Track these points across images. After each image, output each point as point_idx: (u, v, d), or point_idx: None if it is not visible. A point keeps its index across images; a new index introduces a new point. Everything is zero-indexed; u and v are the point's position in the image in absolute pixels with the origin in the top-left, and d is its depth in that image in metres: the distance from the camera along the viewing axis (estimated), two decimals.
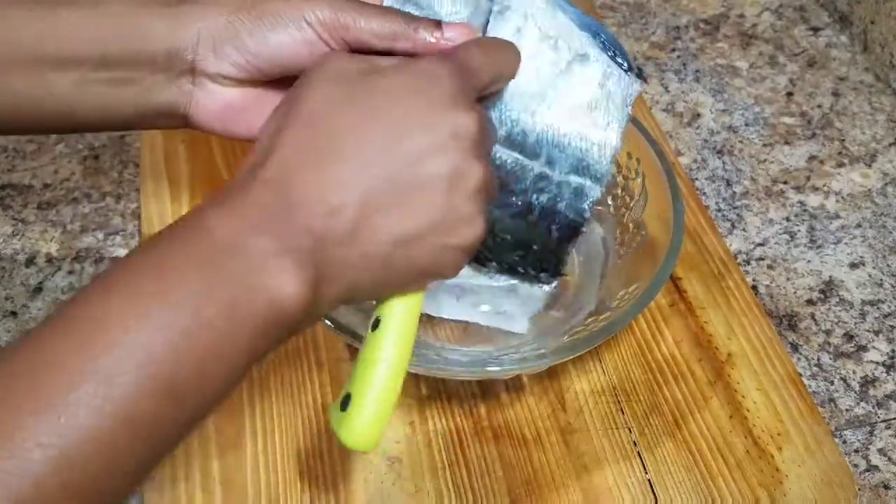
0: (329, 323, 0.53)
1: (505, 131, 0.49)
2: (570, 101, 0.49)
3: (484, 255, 0.53)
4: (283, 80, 0.47)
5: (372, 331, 0.43)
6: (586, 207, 0.52)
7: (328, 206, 0.38)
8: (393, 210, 0.39)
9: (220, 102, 0.47)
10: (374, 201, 0.39)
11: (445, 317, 0.61)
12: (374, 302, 0.45)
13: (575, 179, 0.51)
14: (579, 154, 0.50)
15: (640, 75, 0.50)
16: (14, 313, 0.66)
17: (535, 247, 0.53)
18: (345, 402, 0.42)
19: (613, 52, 0.49)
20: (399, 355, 0.43)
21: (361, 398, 0.41)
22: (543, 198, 0.51)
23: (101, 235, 0.71)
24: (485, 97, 0.47)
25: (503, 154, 0.50)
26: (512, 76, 0.47)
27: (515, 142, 0.50)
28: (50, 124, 0.48)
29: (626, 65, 0.50)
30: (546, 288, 0.56)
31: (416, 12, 0.47)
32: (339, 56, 0.43)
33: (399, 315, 0.43)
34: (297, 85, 0.42)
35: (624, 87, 0.50)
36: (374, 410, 0.41)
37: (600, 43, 0.49)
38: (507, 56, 0.47)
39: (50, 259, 0.69)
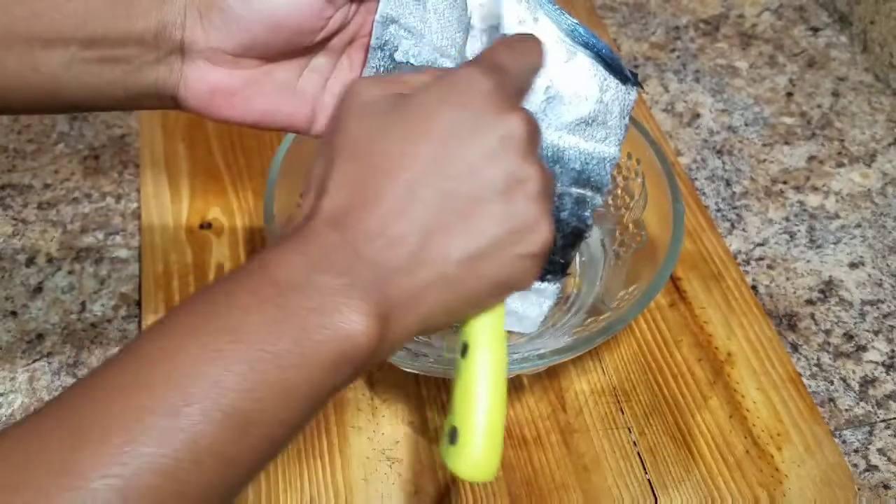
0: None
1: None
2: (569, 117, 0.50)
3: None
4: (278, 64, 0.47)
5: (462, 357, 0.42)
6: (588, 215, 0.53)
7: (388, 237, 0.37)
8: (454, 229, 0.38)
9: (210, 83, 0.46)
10: (433, 224, 0.38)
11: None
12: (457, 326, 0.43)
13: (577, 191, 0.52)
14: (580, 167, 0.51)
15: (636, 82, 0.50)
16: (14, 313, 0.66)
17: None
18: (452, 436, 0.40)
19: (608, 61, 0.49)
20: (495, 376, 0.41)
21: (469, 430, 0.40)
22: None
23: (101, 235, 0.71)
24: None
25: None
26: (541, 65, 0.45)
27: None
28: (39, 104, 0.47)
29: (621, 74, 0.50)
30: (552, 287, 0.57)
31: (407, 38, 0.48)
32: (366, 83, 0.42)
33: (484, 334, 0.42)
34: (333, 120, 0.41)
35: (621, 99, 0.50)
36: (484, 439, 0.40)
37: (595, 55, 0.49)
38: (531, 46, 0.45)
39: (50, 259, 0.69)
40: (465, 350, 0.42)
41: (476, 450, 0.40)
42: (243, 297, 0.35)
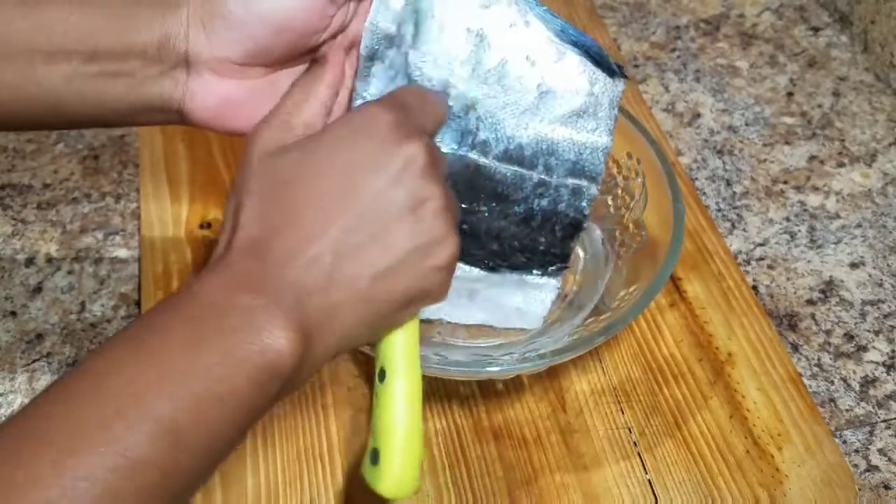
0: None
1: (503, 148, 0.52)
2: (560, 111, 0.52)
3: (495, 263, 0.56)
4: (283, 73, 0.47)
5: (380, 382, 0.44)
6: (585, 205, 0.54)
7: (304, 258, 0.40)
8: (365, 249, 0.41)
9: (217, 95, 0.46)
10: (346, 245, 0.41)
11: (463, 322, 0.61)
12: (371, 347, 0.46)
13: (572, 181, 0.54)
14: (574, 158, 0.53)
15: (622, 74, 0.52)
16: (14, 313, 0.66)
17: (541, 248, 0.56)
18: (373, 457, 0.43)
19: (595, 57, 0.51)
20: (412, 400, 0.44)
21: (389, 452, 0.43)
22: (544, 202, 0.54)
23: (100, 235, 0.71)
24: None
25: (503, 169, 0.53)
26: (444, 119, 0.50)
27: (513, 157, 0.52)
28: (40, 119, 0.47)
29: (608, 68, 0.52)
30: (553, 282, 0.58)
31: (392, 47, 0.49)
32: (265, 129, 0.44)
33: (401, 358, 0.45)
34: (240, 167, 0.44)
35: (610, 91, 0.52)
36: (405, 459, 0.43)
37: (584, 52, 0.51)
38: (435, 99, 0.49)
39: (49, 259, 0.69)
40: (382, 375, 0.45)
41: (396, 470, 0.43)
42: (171, 319, 0.38)
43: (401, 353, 0.45)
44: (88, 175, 0.76)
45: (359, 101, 0.49)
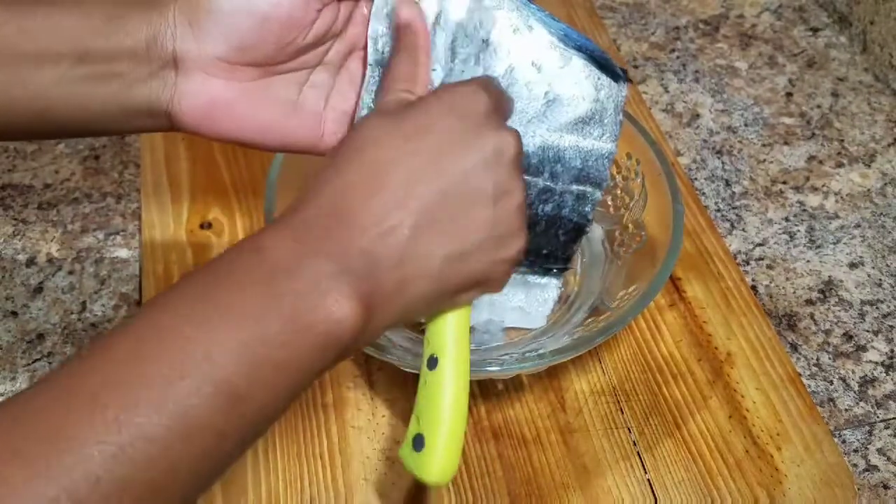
0: None
1: None
2: (567, 117, 0.51)
3: None
4: (276, 78, 0.47)
5: (430, 369, 0.45)
6: (589, 210, 0.54)
7: (381, 227, 0.39)
8: (443, 227, 0.40)
9: (206, 96, 0.46)
10: (425, 220, 0.40)
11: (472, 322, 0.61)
12: (424, 328, 0.46)
13: (577, 188, 0.54)
14: (579, 164, 0.53)
15: (626, 78, 0.52)
16: (14, 313, 0.66)
17: (544, 251, 0.56)
18: (417, 443, 0.43)
19: (599, 61, 0.51)
20: (463, 387, 0.44)
21: (436, 438, 0.43)
22: (548, 207, 0.54)
23: (101, 235, 0.71)
24: None
25: None
26: (511, 113, 0.49)
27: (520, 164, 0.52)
28: (28, 127, 0.46)
29: (612, 72, 0.51)
30: (554, 282, 0.59)
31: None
32: (385, 103, 0.44)
33: (453, 346, 0.45)
34: (341, 140, 0.43)
35: (615, 96, 0.52)
36: (450, 446, 0.43)
37: (588, 56, 0.51)
38: (508, 94, 0.48)
39: (50, 259, 0.70)
40: (433, 362, 0.45)
41: (442, 459, 0.43)
42: (236, 278, 0.37)
43: (453, 340, 0.45)
44: (89, 175, 0.76)
45: (364, 111, 0.49)
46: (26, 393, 0.33)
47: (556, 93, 0.51)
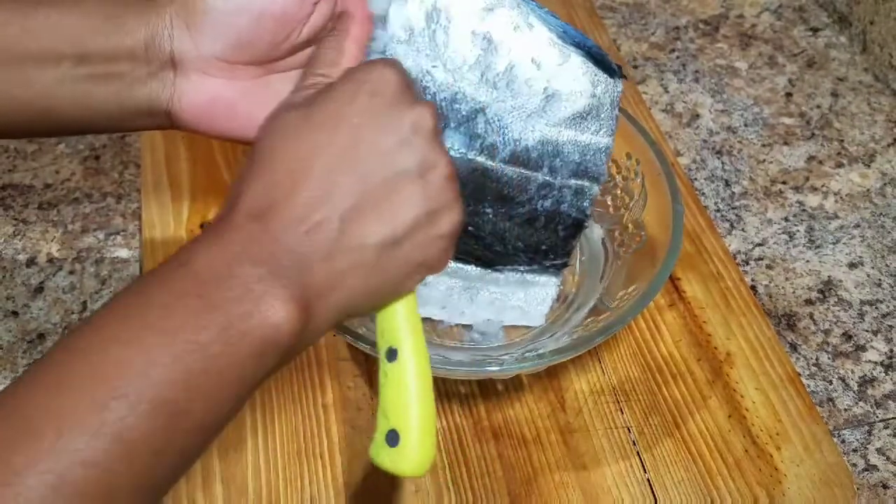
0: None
1: (510, 151, 0.52)
2: (565, 113, 0.52)
3: (501, 263, 0.56)
4: (276, 76, 0.47)
5: (389, 361, 0.43)
6: (587, 205, 0.55)
7: (307, 224, 0.38)
8: (372, 214, 0.39)
9: (205, 95, 0.46)
10: (352, 210, 0.39)
11: (467, 322, 0.61)
12: (375, 322, 0.45)
13: (575, 182, 0.54)
14: (577, 159, 0.53)
15: (621, 74, 0.52)
16: (15, 313, 0.66)
17: (543, 247, 0.57)
18: (391, 438, 0.42)
19: (596, 57, 0.51)
20: (426, 374, 0.43)
21: (410, 432, 0.42)
22: (547, 202, 0.54)
23: (101, 235, 0.71)
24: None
25: (509, 171, 0.53)
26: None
27: (520, 159, 0.53)
28: (30, 125, 0.47)
29: (608, 68, 0.52)
30: (553, 279, 0.59)
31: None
32: (283, 103, 0.43)
33: (408, 334, 0.43)
34: (259, 131, 0.43)
35: (611, 91, 0.52)
36: (425, 436, 0.42)
37: (585, 53, 0.51)
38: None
39: (51, 259, 0.70)
40: (392, 354, 0.43)
41: (419, 449, 0.42)
42: (166, 294, 0.36)
43: (406, 328, 0.44)
44: (89, 175, 0.76)
45: None
46: None
47: (555, 88, 0.51)
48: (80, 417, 0.32)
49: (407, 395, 0.42)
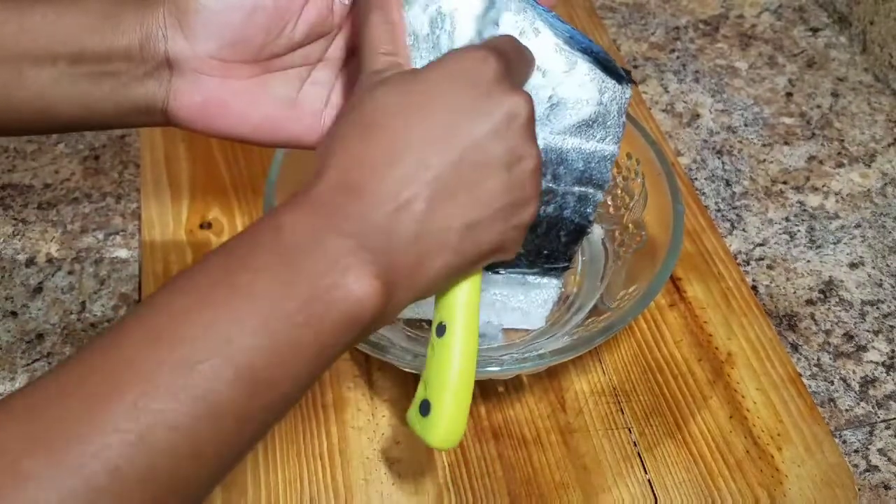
0: None
1: None
2: (571, 120, 0.51)
3: (501, 266, 0.57)
4: (274, 75, 0.47)
5: (438, 336, 0.45)
6: (590, 211, 0.54)
7: (397, 202, 0.39)
8: (459, 197, 0.40)
9: (201, 94, 0.46)
10: (441, 192, 0.39)
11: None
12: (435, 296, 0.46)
13: (579, 189, 0.53)
14: (581, 166, 0.52)
15: (630, 80, 0.52)
16: (14, 313, 0.66)
17: (545, 252, 0.56)
18: (424, 407, 0.44)
19: (604, 63, 0.51)
20: (470, 354, 0.45)
21: (444, 406, 0.43)
22: (550, 208, 0.53)
23: (101, 235, 0.71)
24: None
25: None
26: (531, 74, 0.48)
27: None
28: (27, 123, 0.47)
29: (616, 74, 0.51)
30: (554, 281, 0.59)
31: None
32: (372, 64, 0.43)
33: (462, 313, 0.45)
34: (345, 104, 0.43)
35: (618, 98, 0.51)
36: (456, 412, 0.44)
37: (593, 59, 0.50)
38: (528, 53, 0.47)
39: (50, 259, 0.69)
40: (441, 329, 0.45)
41: (447, 424, 0.43)
42: (255, 260, 0.36)
43: (462, 307, 0.45)
44: (89, 175, 0.76)
45: None
46: (42, 380, 0.33)
47: (561, 96, 0.50)
48: (164, 378, 0.32)
49: (446, 370, 0.44)
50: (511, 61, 0.43)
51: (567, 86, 0.50)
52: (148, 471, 0.31)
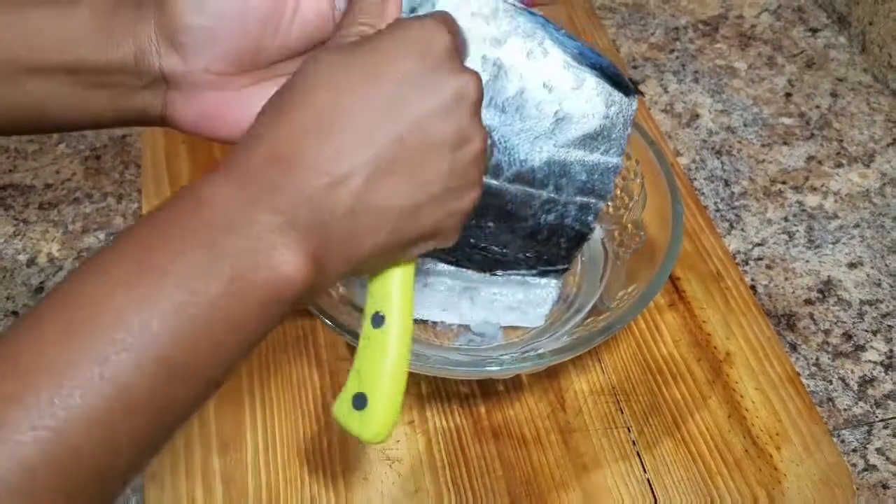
0: (329, 322, 0.53)
1: (515, 171, 0.51)
2: (574, 134, 0.51)
3: (501, 268, 0.57)
4: (272, 81, 0.46)
5: (374, 327, 0.43)
6: (591, 219, 0.54)
7: (332, 176, 0.37)
8: (399, 177, 0.38)
9: (198, 106, 0.45)
10: (380, 169, 0.37)
11: (466, 322, 0.61)
12: (366, 284, 0.44)
13: (581, 199, 0.53)
14: (585, 178, 0.52)
15: (636, 90, 0.51)
16: (15, 313, 0.66)
17: (545, 257, 0.56)
18: (357, 401, 0.42)
19: (612, 77, 0.50)
20: (407, 346, 0.43)
21: (378, 397, 0.42)
22: (550, 217, 0.54)
23: (102, 236, 0.71)
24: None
25: (514, 189, 0.52)
26: (466, 57, 0.46)
27: (525, 178, 0.51)
28: (26, 126, 0.47)
29: (624, 87, 0.51)
30: (554, 281, 0.59)
31: None
32: (328, 46, 0.41)
33: (400, 305, 0.43)
34: (295, 70, 0.41)
35: (625, 111, 0.51)
36: (391, 405, 0.42)
37: (601, 73, 0.50)
38: (464, 35, 0.45)
39: (51, 259, 0.70)
40: (378, 320, 0.43)
41: (383, 418, 0.42)
42: (175, 237, 0.35)
43: (399, 296, 0.43)
44: (90, 175, 0.76)
45: None
46: None
47: (567, 111, 0.50)
48: (80, 372, 0.31)
49: (384, 363, 0.42)
50: (458, 38, 0.41)
51: (574, 101, 0.50)
52: (65, 468, 0.31)
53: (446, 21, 0.41)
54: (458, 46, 0.40)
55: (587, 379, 0.62)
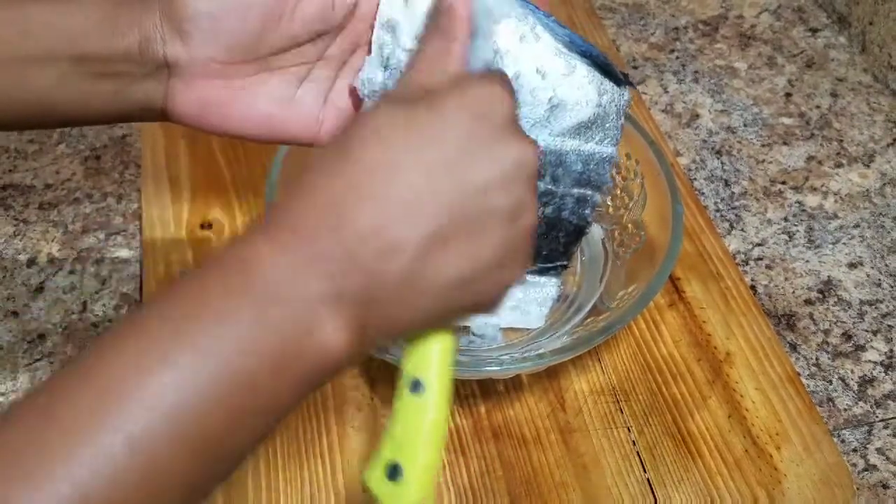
0: None
1: None
2: (569, 123, 0.51)
3: None
4: (273, 73, 0.47)
5: (412, 392, 0.40)
6: (589, 212, 0.54)
7: (384, 241, 0.34)
8: (453, 248, 0.35)
9: (198, 97, 0.45)
10: (434, 236, 0.35)
11: (464, 323, 0.61)
12: (403, 348, 0.41)
13: (577, 191, 0.53)
14: (580, 168, 0.52)
15: (628, 82, 0.52)
16: (15, 313, 0.66)
17: (544, 252, 0.56)
18: (391, 472, 0.39)
19: (603, 66, 0.51)
20: (444, 417, 0.40)
21: (414, 469, 0.39)
22: (548, 209, 0.53)
23: (102, 236, 0.71)
24: None
25: None
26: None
27: None
28: (31, 120, 0.47)
29: (615, 77, 0.51)
30: (553, 280, 0.58)
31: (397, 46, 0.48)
32: (384, 99, 0.39)
33: (438, 371, 0.40)
34: (351, 122, 0.38)
35: (617, 100, 0.51)
36: (427, 477, 0.39)
37: (592, 62, 0.50)
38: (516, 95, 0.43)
39: (51, 259, 0.70)
40: (416, 386, 0.40)
41: (419, 491, 0.39)
42: (218, 302, 0.33)
43: (439, 364, 0.40)
44: (90, 175, 0.76)
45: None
46: None
47: (560, 98, 0.50)
48: (104, 453, 0.30)
49: (423, 433, 0.39)
50: (515, 101, 0.39)
51: (566, 88, 0.50)
52: None
53: (507, 82, 0.38)
54: (516, 111, 0.38)
55: (587, 379, 0.62)
